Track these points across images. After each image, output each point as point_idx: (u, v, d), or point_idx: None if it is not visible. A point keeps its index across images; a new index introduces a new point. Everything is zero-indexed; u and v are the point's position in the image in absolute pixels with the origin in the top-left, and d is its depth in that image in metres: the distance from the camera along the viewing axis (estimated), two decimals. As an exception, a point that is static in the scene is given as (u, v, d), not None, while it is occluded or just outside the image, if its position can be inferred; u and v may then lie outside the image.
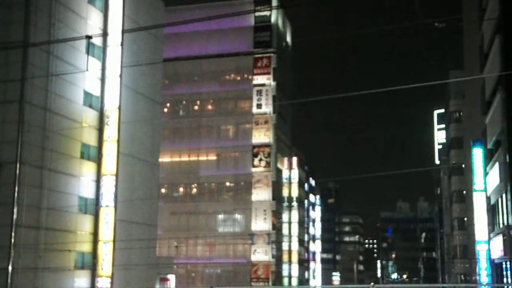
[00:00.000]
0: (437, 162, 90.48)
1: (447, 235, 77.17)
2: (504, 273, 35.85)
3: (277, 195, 64.97)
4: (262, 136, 62.00)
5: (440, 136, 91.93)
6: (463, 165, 62.19)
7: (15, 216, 31.50)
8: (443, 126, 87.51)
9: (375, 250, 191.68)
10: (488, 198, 43.17)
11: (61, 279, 34.51)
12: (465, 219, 62.93)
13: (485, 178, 44.76)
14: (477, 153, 46.59)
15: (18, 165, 32.06)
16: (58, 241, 34.28)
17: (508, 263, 34.46)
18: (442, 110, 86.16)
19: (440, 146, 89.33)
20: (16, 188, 31.83)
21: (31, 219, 32.58)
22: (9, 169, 32.15)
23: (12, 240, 31.34)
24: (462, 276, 65.66)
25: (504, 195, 34.40)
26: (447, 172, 75.67)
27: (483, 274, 45.85)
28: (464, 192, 63.14)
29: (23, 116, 32.65)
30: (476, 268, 49.00)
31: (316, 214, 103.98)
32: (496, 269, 40.24)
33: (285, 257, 71.74)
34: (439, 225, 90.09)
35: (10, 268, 31.08)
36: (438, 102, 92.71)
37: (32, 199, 32.80)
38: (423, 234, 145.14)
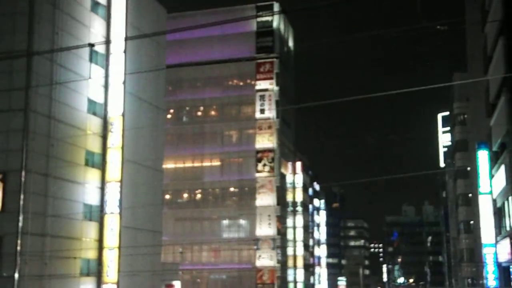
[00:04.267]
0: (442, 165, 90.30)
1: (453, 239, 76.89)
2: None
3: (281, 200, 64.92)
4: (265, 141, 62.05)
5: (444, 139, 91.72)
6: (469, 168, 62.00)
7: (20, 224, 31.59)
8: (447, 128, 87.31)
9: (380, 254, 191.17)
10: (494, 201, 43.02)
11: (67, 286, 34.54)
12: (471, 222, 62.68)
13: (491, 181, 44.59)
14: (483, 156, 46.40)
15: (23, 173, 32.17)
16: (63, 248, 34.35)
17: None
18: (447, 113, 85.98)
19: (445, 149, 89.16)
20: (22, 196, 31.91)
21: (37, 227, 32.66)
22: (14, 177, 32.26)
23: (18, 247, 31.41)
24: (469, 280, 65.40)
25: (510, 198, 34.33)
26: (452, 175, 75.48)
27: (491, 278, 45.62)
28: (470, 195, 62.91)
29: (27, 124, 32.78)
30: (483, 272, 48.77)
31: (320, 218, 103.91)
32: (504, 272, 40.13)
33: (290, 262, 71.62)
34: (445, 228, 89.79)
35: (16, 275, 31.15)
36: (442, 104, 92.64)
37: (38, 207, 32.89)
38: (429, 238, 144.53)
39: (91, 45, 29.10)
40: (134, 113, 40.64)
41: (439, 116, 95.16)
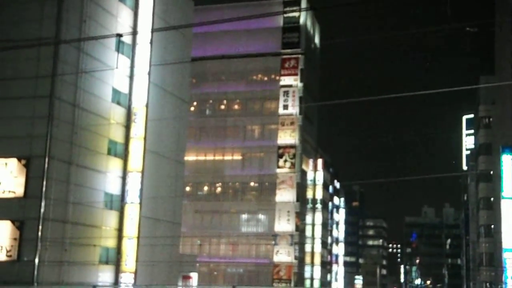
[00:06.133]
0: (465, 168, 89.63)
1: (473, 242, 76.42)
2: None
3: (301, 196, 64.83)
4: (287, 137, 61.98)
5: (468, 142, 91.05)
6: (491, 172, 61.54)
7: (42, 210, 31.92)
8: (472, 131, 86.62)
9: (398, 254, 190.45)
10: (516, 206, 42.69)
11: (85, 273, 34.84)
12: (492, 226, 62.27)
13: (514, 186, 44.25)
14: (506, 160, 46.14)
15: (46, 160, 32.48)
16: (83, 235, 34.64)
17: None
18: (471, 115, 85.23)
19: (468, 152, 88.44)
20: (44, 182, 32.25)
21: (58, 213, 32.98)
22: (38, 163, 32.58)
23: (39, 233, 31.75)
24: (487, 284, 64.94)
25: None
26: (474, 179, 74.91)
27: (510, 282, 45.36)
28: (492, 199, 62.47)
29: (52, 111, 33.07)
30: (502, 277, 48.47)
31: (340, 216, 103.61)
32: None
33: (307, 259, 71.60)
34: (465, 231, 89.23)
35: (36, 260, 31.51)
36: (468, 107, 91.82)
37: (59, 194, 33.19)
38: (448, 240, 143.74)
39: (119, 35, 29.19)
40: (158, 104, 40.78)
41: (464, 119, 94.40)
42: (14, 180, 32.81)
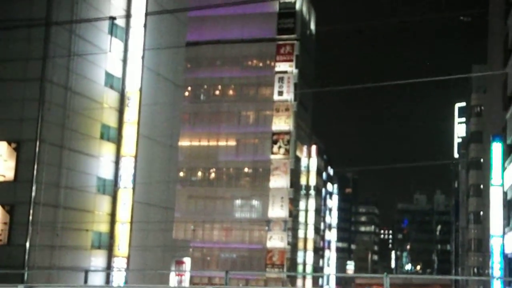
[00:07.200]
0: (456, 155, 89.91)
1: (462, 229, 77.27)
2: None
3: (295, 182, 64.84)
4: (282, 123, 61.80)
5: (460, 130, 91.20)
6: (482, 160, 61.94)
7: (33, 194, 31.55)
8: (463, 119, 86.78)
9: (390, 240, 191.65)
10: (505, 193, 43.23)
11: (77, 258, 34.62)
12: (481, 213, 62.98)
13: (503, 173, 44.74)
14: (496, 148, 46.60)
15: (37, 143, 32.07)
16: (75, 220, 34.35)
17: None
18: (464, 104, 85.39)
19: (460, 140, 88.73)
20: (35, 166, 31.86)
21: (50, 198, 32.62)
22: (29, 147, 32.17)
23: (30, 217, 31.44)
24: (475, 269, 65.85)
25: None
26: (465, 166, 75.42)
27: (496, 268, 46.13)
28: (481, 186, 63.03)
29: (43, 94, 32.57)
30: (489, 262, 49.13)
31: (333, 203, 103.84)
32: (509, 263, 40.53)
33: (300, 244, 71.75)
34: (455, 218, 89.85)
35: (27, 245, 31.22)
36: (460, 95, 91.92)
37: (51, 178, 32.81)
38: (439, 227, 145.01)
39: (113, 18, 28.66)
40: (152, 88, 40.34)
41: (456, 107, 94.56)
42: (4, 163, 32.43)
